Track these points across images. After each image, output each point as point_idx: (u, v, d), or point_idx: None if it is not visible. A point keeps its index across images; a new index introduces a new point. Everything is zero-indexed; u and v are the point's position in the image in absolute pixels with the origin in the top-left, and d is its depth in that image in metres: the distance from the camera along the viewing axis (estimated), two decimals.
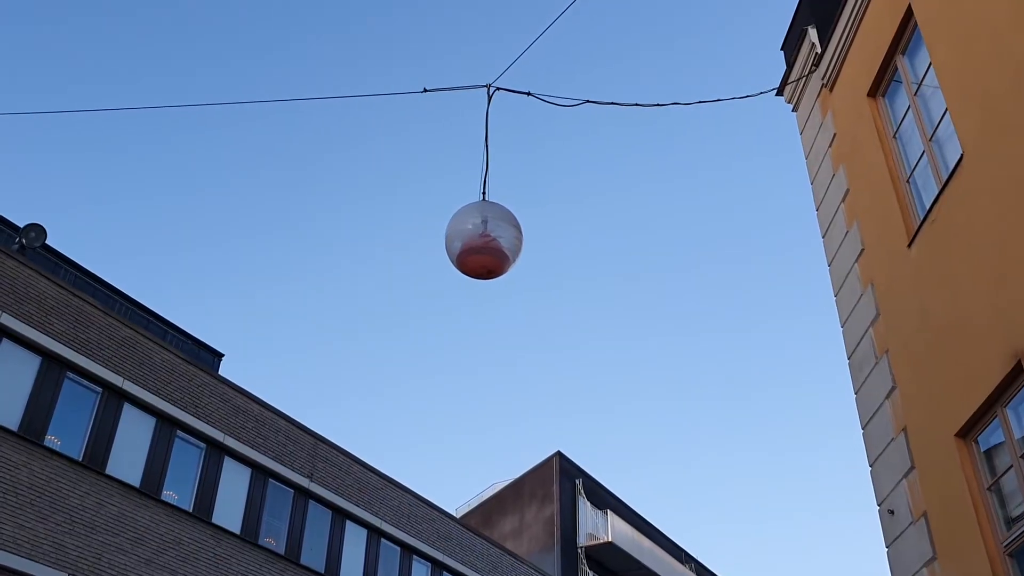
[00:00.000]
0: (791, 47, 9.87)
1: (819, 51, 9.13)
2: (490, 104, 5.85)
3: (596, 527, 30.35)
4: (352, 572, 18.73)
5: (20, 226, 16.76)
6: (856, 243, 8.28)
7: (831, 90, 9.01)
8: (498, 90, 5.81)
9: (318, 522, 18.35)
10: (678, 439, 77.33)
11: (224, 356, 21.29)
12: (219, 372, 19.98)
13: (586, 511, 30.66)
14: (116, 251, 74.66)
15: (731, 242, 78.30)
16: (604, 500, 31.99)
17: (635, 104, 6.47)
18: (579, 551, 29.49)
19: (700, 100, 6.84)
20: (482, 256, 5.80)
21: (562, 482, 30.46)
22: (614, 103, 6.30)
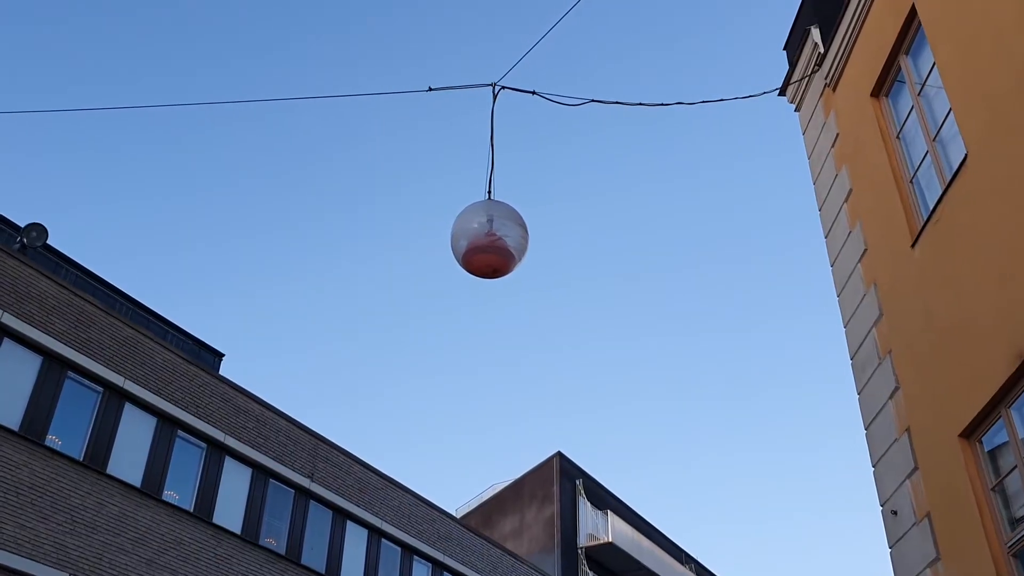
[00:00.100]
0: (794, 47, 9.86)
1: (822, 51, 9.12)
2: (495, 103, 5.85)
3: (596, 527, 30.34)
4: (353, 572, 18.72)
5: (21, 226, 16.75)
6: (859, 243, 8.27)
7: (834, 90, 9.00)
8: (503, 89, 5.80)
9: (319, 522, 18.34)
10: (678, 439, 77.35)
11: (224, 356, 21.31)
12: (219, 372, 19.96)
13: (586, 511, 30.64)
14: (117, 251, 74.66)
15: (732, 242, 78.31)
16: (604, 500, 31.98)
17: (639, 104, 6.47)
18: (579, 551, 29.48)
19: (704, 100, 6.84)
20: (488, 255, 5.78)
21: (562, 482, 30.44)
22: (619, 102, 6.29)
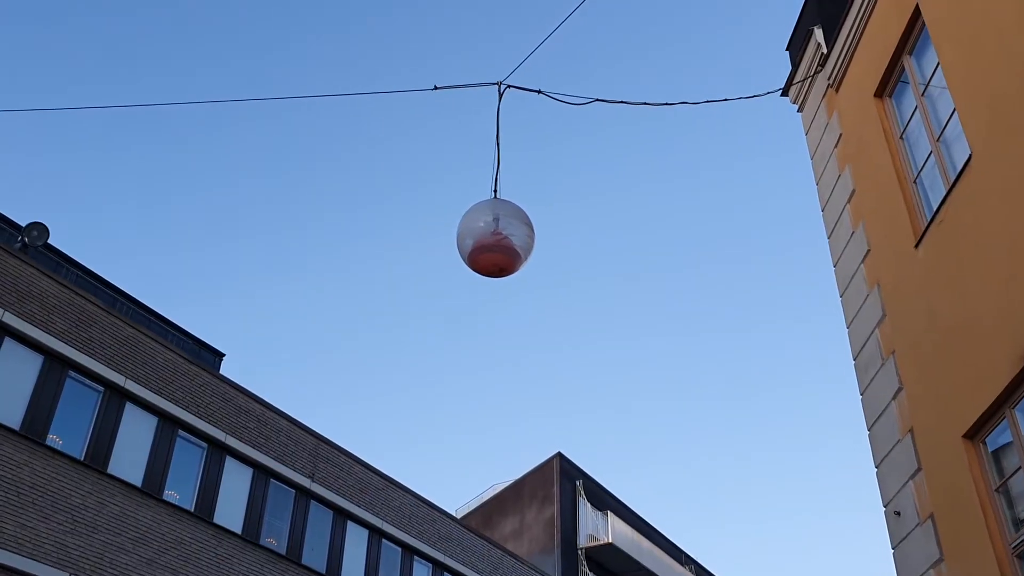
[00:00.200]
0: (797, 47, 9.85)
1: (825, 51, 9.11)
2: (501, 101, 5.83)
3: (596, 528, 30.32)
4: (353, 573, 18.71)
5: (22, 225, 16.74)
6: (862, 244, 8.26)
7: (837, 90, 8.99)
8: (509, 88, 5.79)
9: (319, 522, 18.33)
10: (679, 440, 77.35)
11: (225, 356, 21.30)
12: (220, 372, 19.94)
13: (586, 512, 30.63)
14: (118, 251, 74.65)
15: (733, 242, 78.32)
16: (604, 501, 31.96)
17: (644, 103, 6.47)
18: (579, 552, 29.46)
19: (708, 100, 6.83)
20: (494, 254, 5.76)
21: (562, 483, 30.43)
22: (623, 102, 6.29)
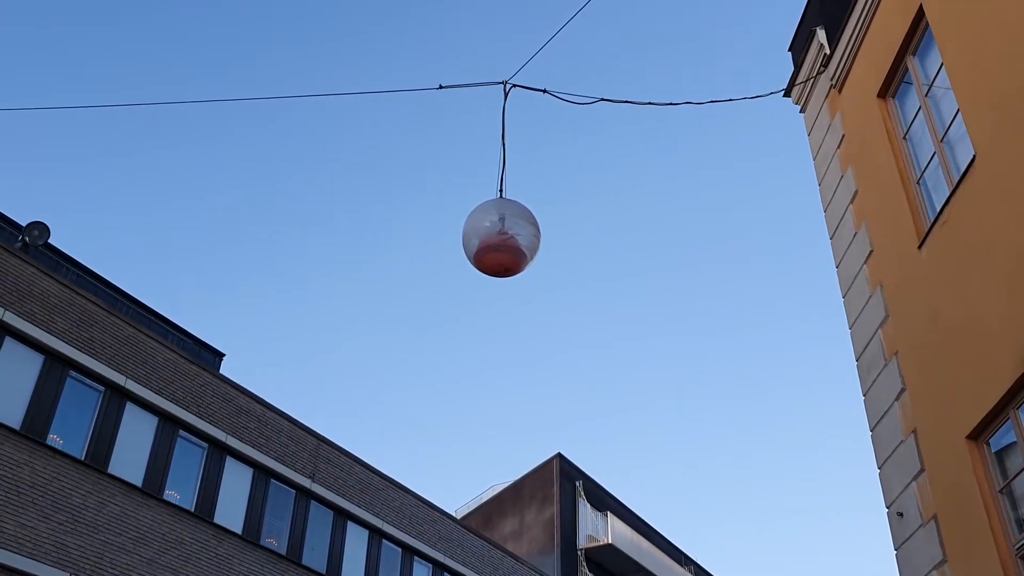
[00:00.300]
0: (799, 48, 9.85)
1: (827, 52, 9.11)
2: (506, 101, 5.82)
3: (596, 529, 30.30)
4: (353, 573, 18.70)
5: (23, 224, 16.72)
6: (865, 244, 8.26)
7: (840, 91, 8.99)
8: (514, 87, 5.78)
9: (320, 523, 18.32)
10: (679, 441, 77.35)
11: (225, 356, 21.29)
12: (220, 372, 19.92)
13: (586, 513, 30.60)
14: (118, 250, 74.62)
15: (733, 242, 78.33)
16: (604, 502, 31.95)
17: (648, 103, 6.46)
18: (579, 553, 29.45)
19: (712, 100, 6.82)
20: (499, 254, 5.75)
21: (562, 484, 30.41)
22: (628, 101, 6.28)
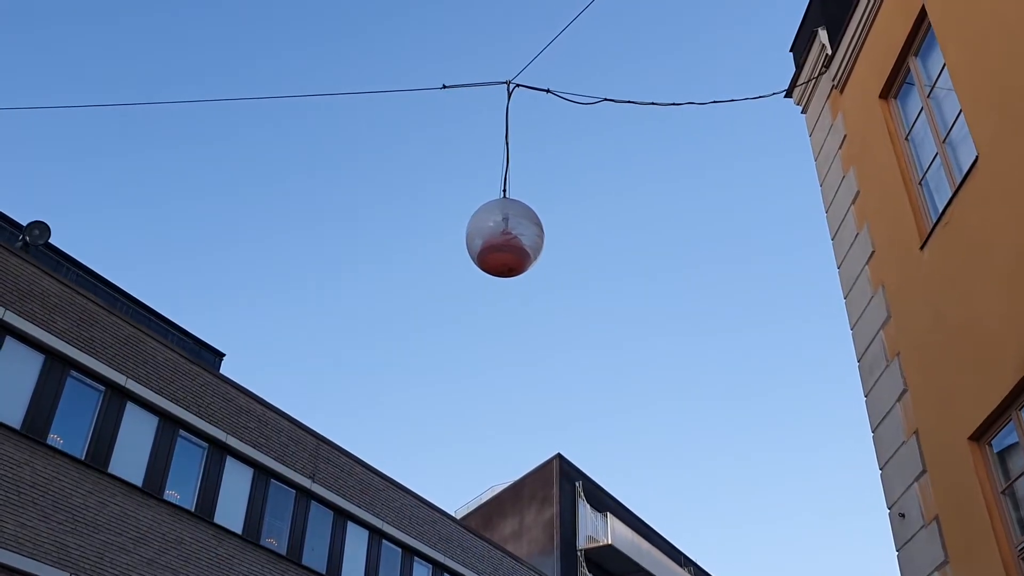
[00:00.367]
0: (801, 49, 9.84)
1: (829, 53, 9.10)
2: (510, 100, 5.81)
3: (596, 530, 30.29)
4: (353, 573, 18.69)
5: (23, 224, 16.71)
6: (867, 245, 8.25)
7: (842, 92, 8.98)
8: (518, 87, 5.77)
9: (320, 523, 18.31)
10: (679, 442, 77.35)
11: (225, 356, 21.28)
12: (220, 372, 19.91)
13: (586, 513, 30.59)
14: (118, 250, 74.62)
15: (733, 243, 78.34)
16: (604, 503, 31.94)
17: (651, 103, 6.46)
18: (579, 553, 29.44)
19: (715, 100, 6.82)
20: (503, 254, 5.74)
21: (562, 484, 30.40)
22: (631, 101, 6.28)
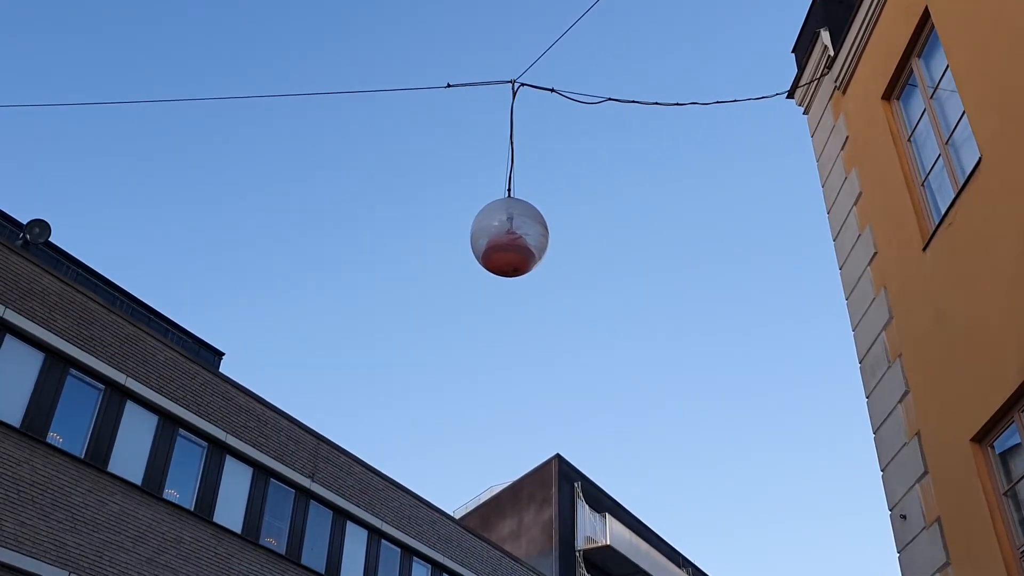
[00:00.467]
0: (803, 50, 9.84)
1: (831, 54, 9.10)
2: (515, 99, 5.80)
3: (594, 530, 30.28)
4: (352, 573, 18.67)
5: (24, 222, 16.70)
6: (869, 246, 8.25)
7: (844, 93, 8.98)
8: (522, 86, 5.76)
9: (319, 522, 18.29)
10: (678, 443, 77.36)
11: (224, 355, 21.27)
12: (220, 371, 19.90)
13: (584, 514, 30.58)
14: (117, 249, 74.59)
15: (734, 243, 78.36)
16: (603, 503, 31.93)
17: (655, 103, 6.47)
18: (577, 554, 29.43)
19: (718, 100, 6.82)
20: (508, 253, 5.73)
21: (561, 485, 30.39)
22: (635, 101, 6.28)
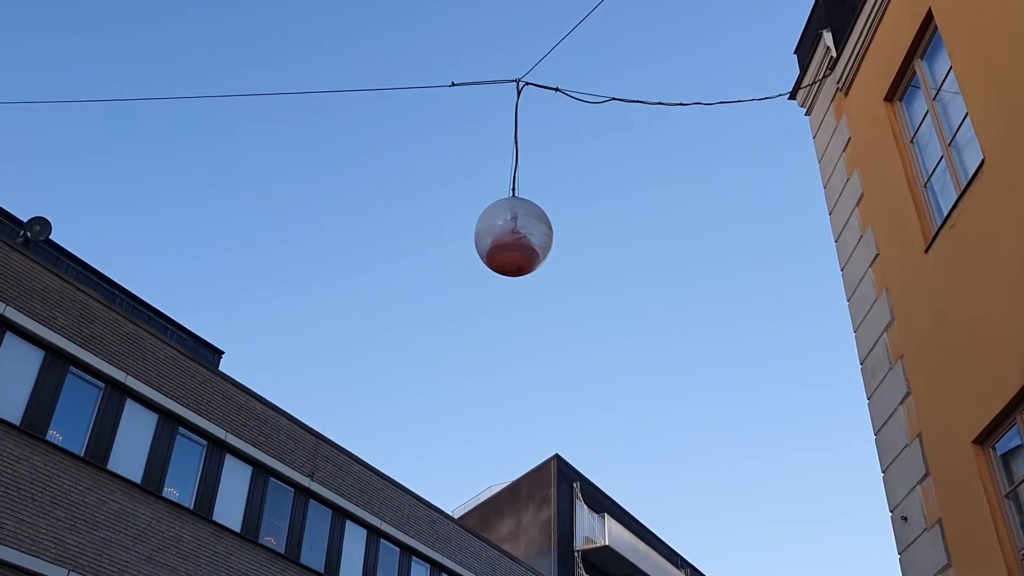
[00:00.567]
0: (805, 51, 9.84)
1: (834, 55, 9.10)
2: (519, 99, 5.80)
3: (593, 531, 30.28)
4: (352, 572, 18.67)
5: (24, 220, 16.69)
6: (871, 248, 8.25)
7: (846, 94, 8.98)
8: (527, 85, 5.76)
9: (318, 521, 18.29)
10: (677, 443, 77.36)
11: (224, 353, 21.25)
12: (219, 369, 19.89)
13: (583, 515, 30.58)
14: (117, 248, 74.57)
15: (734, 244, 78.38)
16: (601, 504, 31.93)
17: (658, 103, 6.47)
18: (576, 554, 29.43)
19: (722, 100, 6.82)
20: (512, 253, 5.72)
21: (560, 485, 30.39)
22: (639, 101, 6.28)
